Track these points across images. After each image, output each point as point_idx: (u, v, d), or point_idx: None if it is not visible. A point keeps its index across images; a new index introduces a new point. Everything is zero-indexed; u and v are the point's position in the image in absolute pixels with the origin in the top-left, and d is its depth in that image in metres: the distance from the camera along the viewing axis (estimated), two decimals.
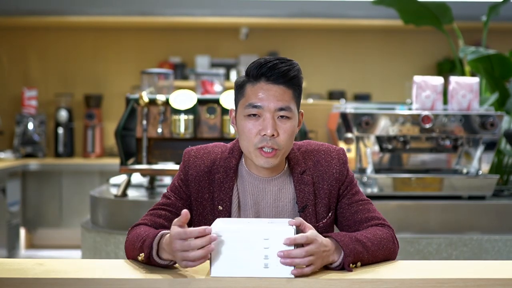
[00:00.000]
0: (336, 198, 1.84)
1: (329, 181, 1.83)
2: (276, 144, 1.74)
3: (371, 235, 1.73)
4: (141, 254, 1.65)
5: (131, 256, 1.74)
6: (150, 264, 1.66)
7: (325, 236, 1.65)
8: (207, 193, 1.81)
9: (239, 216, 1.81)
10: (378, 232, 1.76)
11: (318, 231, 1.65)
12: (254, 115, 1.74)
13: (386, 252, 1.74)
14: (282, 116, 1.74)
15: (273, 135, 1.73)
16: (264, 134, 1.73)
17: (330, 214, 1.83)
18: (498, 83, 3.70)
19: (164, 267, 1.65)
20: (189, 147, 1.89)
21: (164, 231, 1.66)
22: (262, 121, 1.74)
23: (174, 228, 1.56)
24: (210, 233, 1.53)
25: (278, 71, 1.73)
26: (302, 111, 1.84)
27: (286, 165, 1.85)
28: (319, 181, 1.83)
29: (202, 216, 1.81)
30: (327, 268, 1.65)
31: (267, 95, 1.73)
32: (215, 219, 1.71)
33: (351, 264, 1.64)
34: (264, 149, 1.74)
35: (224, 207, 1.79)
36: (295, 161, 1.84)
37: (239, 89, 1.79)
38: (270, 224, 1.60)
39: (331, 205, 1.84)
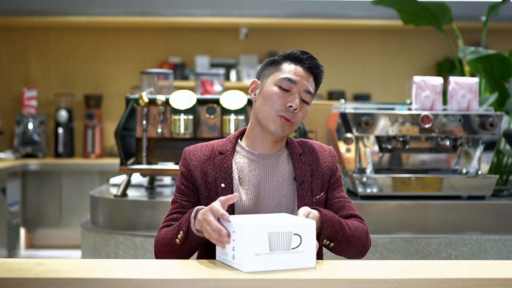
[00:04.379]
0: (327, 183, 2.03)
1: (322, 167, 2.03)
2: (294, 118, 1.95)
3: (350, 223, 1.94)
4: (178, 235, 1.82)
5: (162, 251, 1.90)
6: (187, 245, 1.82)
7: (314, 208, 1.87)
8: (211, 176, 1.96)
9: (240, 191, 1.95)
10: (356, 223, 1.97)
11: (312, 205, 1.94)
12: (285, 88, 1.95)
13: (360, 242, 1.93)
14: (304, 99, 1.97)
15: (295, 109, 1.94)
16: (290, 106, 1.93)
17: (322, 193, 2.01)
18: (498, 83, 3.70)
19: (199, 245, 1.83)
20: (188, 146, 2.05)
21: (199, 207, 1.85)
22: (291, 95, 1.95)
23: (216, 203, 1.74)
24: (227, 220, 1.69)
25: (313, 62, 1.98)
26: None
27: (284, 147, 2.04)
28: (313, 164, 2.03)
29: (209, 199, 1.94)
30: None
31: (302, 76, 1.96)
32: (220, 197, 1.84)
33: (325, 240, 1.85)
34: (284, 118, 1.94)
35: (226, 184, 1.94)
36: (293, 146, 2.04)
37: (274, 64, 2.00)
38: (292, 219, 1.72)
39: (323, 187, 2.02)
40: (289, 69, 1.96)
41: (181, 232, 1.82)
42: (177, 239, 1.83)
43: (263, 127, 1.97)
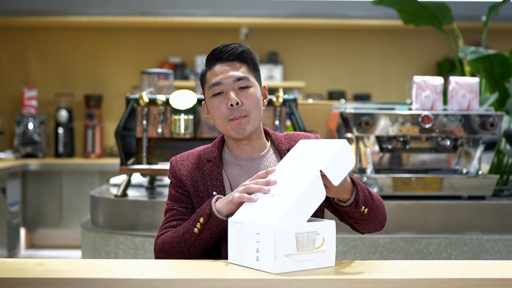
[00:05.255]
0: None
1: None
2: (244, 111, 1.90)
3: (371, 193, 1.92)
4: (197, 224, 1.80)
5: (169, 251, 1.86)
6: (205, 234, 1.81)
7: None
8: (201, 184, 1.93)
9: None
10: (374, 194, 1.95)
11: None
12: (218, 93, 1.91)
13: (381, 211, 1.93)
14: (242, 87, 1.91)
15: (237, 103, 1.89)
16: (231, 105, 1.89)
17: None
18: (498, 83, 3.70)
19: (219, 233, 1.81)
20: (173, 157, 2.02)
21: (218, 195, 1.85)
22: (225, 95, 1.91)
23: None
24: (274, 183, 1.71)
25: (227, 50, 1.92)
26: (264, 85, 2.01)
27: (269, 145, 2.00)
28: None
29: None
30: (339, 205, 1.84)
31: (224, 71, 1.92)
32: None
33: (362, 207, 1.83)
34: (235, 120, 1.90)
35: (218, 192, 1.91)
36: (278, 142, 2.00)
37: (202, 78, 1.97)
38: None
39: None
40: (211, 74, 1.93)
41: (201, 218, 1.79)
42: (195, 228, 1.80)
43: (231, 136, 1.95)
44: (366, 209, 1.85)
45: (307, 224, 1.65)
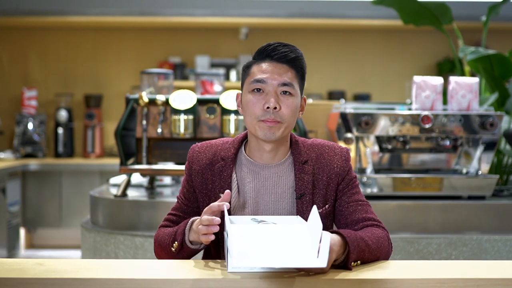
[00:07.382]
0: (334, 192, 1.88)
1: (329, 174, 1.87)
2: (279, 117, 1.82)
3: (370, 234, 1.76)
4: (174, 244, 1.80)
5: (160, 253, 1.88)
6: (181, 255, 1.80)
7: (332, 232, 1.67)
8: (210, 183, 1.89)
9: (238, 201, 1.86)
10: (375, 232, 1.79)
11: None
12: (258, 89, 1.83)
13: (383, 252, 1.77)
14: (285, 92, 1.83)
15: (275, 108, 1.81)
16: (268, 107, 1.80)
17: (327, 206, 1.87)
18: (498, 83, 3.70)
19: (193, 254, 1.82)
20: (196, 143, 1.97)
21: (193, 218, 1.80)
22: (266, 95, 1.82)
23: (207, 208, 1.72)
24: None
25: (281, 51, 1.84)
26: (304, 97, 1.92)
27: (288, 153, 1.90)
28: (319, 172, 1.87)
29: None
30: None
31: (271, 71, 1.83)
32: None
33: (352, 262, 1.65)
34: (266, 122, 1.82)
35: None
36: (298, 151, 1.89)
37: (246, 70, 1.89)
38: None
39: (328, 198, 1.87)
40: (257, 70, 1.84)
41: (176, 242, 1.79)
42: (172, 248, 1.80)
43: (256, 137, 1.86)
44: (359, 262, 1.69)
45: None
